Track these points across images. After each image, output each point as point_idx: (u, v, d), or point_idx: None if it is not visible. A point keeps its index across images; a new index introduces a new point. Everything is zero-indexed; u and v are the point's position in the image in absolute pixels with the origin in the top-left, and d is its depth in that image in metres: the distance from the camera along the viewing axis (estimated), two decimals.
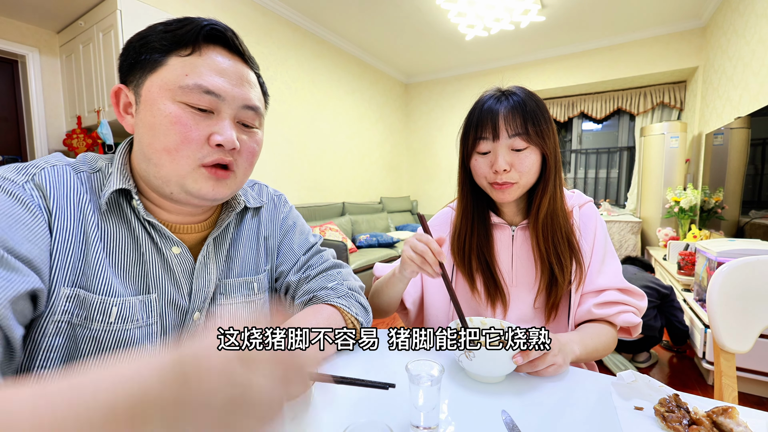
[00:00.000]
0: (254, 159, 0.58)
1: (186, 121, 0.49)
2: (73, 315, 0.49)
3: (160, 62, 0.49)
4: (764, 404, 1.69)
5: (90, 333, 0.49)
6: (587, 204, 0.83)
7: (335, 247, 2.74)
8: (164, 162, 0.50)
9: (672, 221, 3.55)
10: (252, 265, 0.68)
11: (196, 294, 0.59)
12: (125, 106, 0.53)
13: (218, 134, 0.50)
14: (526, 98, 0.74)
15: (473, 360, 0.57)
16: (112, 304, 0.51)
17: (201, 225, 0.61)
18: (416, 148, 5.46)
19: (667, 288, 1.95)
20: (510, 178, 0.73)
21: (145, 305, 0.54)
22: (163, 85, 0.49)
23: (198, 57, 0.50)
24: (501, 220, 0.83)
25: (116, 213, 0.53)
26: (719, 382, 0.78)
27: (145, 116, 0.49)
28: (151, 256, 0.55)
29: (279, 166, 3.42)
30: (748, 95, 2.52)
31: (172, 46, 0.49)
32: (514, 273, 0.81)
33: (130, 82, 0.52)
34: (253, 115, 0.55)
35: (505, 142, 0.73)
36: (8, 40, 2.72)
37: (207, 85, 0.49)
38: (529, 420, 0.49)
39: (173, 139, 0.49)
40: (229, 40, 0.53)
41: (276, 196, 0.76)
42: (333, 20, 3.60)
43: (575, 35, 3.88)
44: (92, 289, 0.50)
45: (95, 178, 0.54)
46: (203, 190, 0.52)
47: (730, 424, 0.44)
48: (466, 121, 0.79)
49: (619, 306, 0.74)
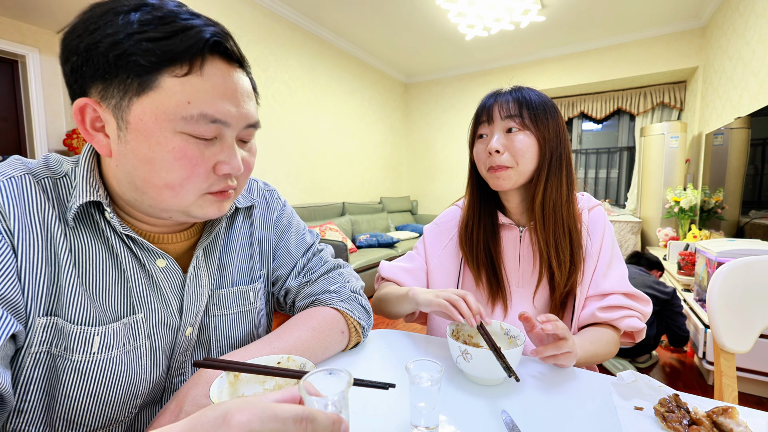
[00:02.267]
0: (251, 172, 0.54)
1: (192, 154, 0.43)
2: (52, 345, 0.44)
3: (149, 84, 0.40)
4: (764, 404, 1.69)
5: (71, 364, 0.45)
6: (596, 207, 0.83)
7: (335, 247, 2.74)
8: (165, 197, 0.44)
9: (672, 221, 3.55)
10: (246, 271, 0.63)
11: (188, 309, 0.54)
12: (93, 122, 0.43)
13: (225, 163, 0.46)
14: (528, 90, 0.77)
15: (471, 362, 0.56)
16: (94, 334, 0.45)
17: (186, 233, 0.55)
18: (416, 148, 5.46)
19: (668, 293, 1.87)
20: (505, 161, 0.74)
21: (131, 328, 0.49)
22: (160, 115, 0.41)
23: (198, 77, 0.42)
24: (509, 220, 0.83)
25: (88, 226, 0.47)
26: (719, 382, 0.78)
27: (139, 148, 0.42)
28: (134, 272, 0.49)
29: (279, 166, 3.41)
30: (748, 95, 2.52)
31: (164, 64, 0.40)
32: (521, 274, 0.81)
33: (102, 98, 0.42)
34: (252, 131, 0.50)
35: (499, 124, 0.75)
36: (8, 40, 2.72)
37: (214, 114, 0.43)
38: (529, 420, 0.49)
39: (178, 175, 0.43)
40: (230, 50, 0.45)
41: (267, 191, 0.71)
42: (333, 20, 3.60)
43: (575, 35, 3.88)
44: (69, 318, 0.44)
45: (61, 184, 0.46)
46: (209, 213, 0.48)
47: (730, 424, 0.44)
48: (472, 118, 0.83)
49: (624, 310, 0.74)
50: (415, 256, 0.91)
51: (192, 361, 0.56)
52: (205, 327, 0.58)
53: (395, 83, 5.22)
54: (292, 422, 0.24)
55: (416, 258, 0.91)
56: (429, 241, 0.91)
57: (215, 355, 0.59)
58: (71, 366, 0.45)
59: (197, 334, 0.57)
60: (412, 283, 0.86)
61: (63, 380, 0.45)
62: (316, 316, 0.61)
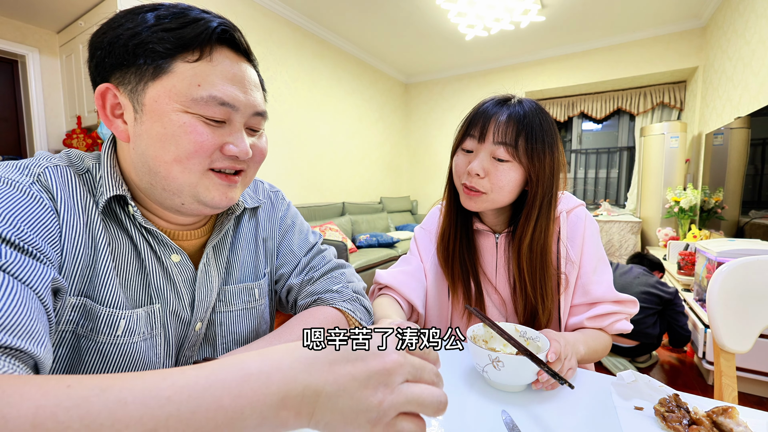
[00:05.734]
0: (263, 159, 0.56)
1: (201, 130, 0.46)
2: (78, 325, 0.46)
3: (163, 69, 0.44)
4: (764, 404, 1.69)
5: (95, 345, 0.47)
6: (576, 209, 0.78)
7: (335, 247, 2.74)
8: (175, 173, 0.46)
9: (672, 221, 3.55)
10: (252, 269, 0.65)
11: (199, 303, 0.57)
12: (113, 108, 0.47)
13: (233, 145, 0.48)
14: (531, 112, 0.69)
15: (502, 370, 0.54)
16: (120, 317, 0.48)
17: (199, 231, 0.58)
18: (416, 148, 5.46)
19: (670, 293, 1.88)
20: (480, 186, 0.70)
21: (150, 316, 0.52)
22: (173, 96, 0.45)
23: (208, 63, 0.46)
24: (484, 226, 0.81)
25: (112, 218, 0.50)
26: (719, 382, 0.78)
27: (153, 127, 0.45)
28: (152, 264, 0.52)
29: (279, 166, 3.42)
30: (748, 95, 2.52)
31: (177, 50, 0.44)
32: (497, 278, 0.80)
33: (120, 83, 0.46)
34: (260, 120, 0.53)
35: (488, 147, 0.69)
36: (8, 40, 2.72)
37: (222, 97, 0.46)
38: (529, 420, 0.49)
39: (186, 147, 0.45)
40: (237, 41, 0.49)
41: (273, 192, 0.73)
42: (333, 20, 3.60)
43: (575, 35, 3.88)
44: (99, 300, 0.47)
45: (86, 179, 0.50)
46: (216, 199, 0.50)
47: (730, 424, 0.44)
48: (464, 118, 0.78)
49: (613, 316, 0.73)
50: (411, 258, 0.91)
51: (198, 357, 0.59)
52: (211, 323, 0.60)
53: (395, 83, 5.22)
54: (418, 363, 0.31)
55: (412, 260, 0.90)
56: (420, 242, 0.91)
57: (220, 351, 0.61)
58: (95, 347, 0.47)
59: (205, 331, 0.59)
60: (413, 285, 0.84)
61: (85, 361, 0.47)
62: (317, 316, 0.62)
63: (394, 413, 0.28)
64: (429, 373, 0.30)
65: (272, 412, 0.26)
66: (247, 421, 0.26)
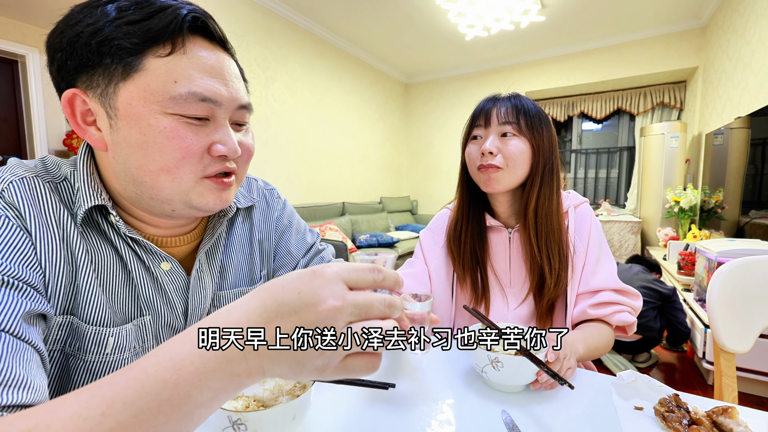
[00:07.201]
0: (251, 157, 0.53)
1: (184, 134, 0.42)
2: (66, 344, 0.44)
3: (133, 66, 0.40)
4: (764, 404, 1.69)
5: (83, 364, 0.45)
6: (582, 204, 0.84)
7: (335, 247, 2.74)
8: (163, 183, 0.43)
9: (672, 221, 3.55)
10: (246, 273, 0.63)
11: (193, 311, 0.54)
12: (84, 116, 0.43)
13: (220, 144, 0.45)
14: (523, 99, 0.79)
15: (501, 370, 0.54)
16: (109, 335, 0.46)
17: (189, 236, 0.55)
18: (416, 148, 5.46)
19: (669, 289, 1.93)
20: (496, 163, 0.76)
21: (140, 330, 0.49)
22: (149, 97, 0.40)
23: (182, 56, 0.41)
24: (497, 222, 0.84)
25: (94, 229, 0.47)
26: (719, 382, 0.78)
27: (131, 134, 0.41)
28: (140, 275, 0.49)
29: (279, 166, 3.41)
30: (748, 95, 2.52)
31: (146, 44, 0.40)
32: (511, 274, 0.83)
33: (87, 87, 0.42)
34: (245, 113, 0.49)
35: (495, 128, 0.78)
36: (8, 40, 2.72)
37: (202, 92, 0.42)
38: (528, 420, 0.49)
39: (172, 156, 0.42)
40: (210, 29, 0.44)
41: (267, 190, 0.70)
42: (333, 20, 3.60)
43: (575, 35, 3.88)
44: (85, 318, 0.45)
45: (63, 188, 0.46)
46: (210, 203, 0.47)
47: (730, 424, 0.44)
48: (468, 119, 0.84)
49: (614, 306, 0.75)
50: (416, 261, 0.93)
51: None
52: None
53: (395, 83, 5.22)
54: (369, 271, 0.30)
55: (416, 262, 0.92)
56: (425, 245, 0.93)
57: None
58: (83, 366, 0.45)
59: None
60: (416, 287, 0.86)
61: (74, 380, 0.45)
62: None
63: (339, 357, 0.28)
64: (377, 309, 0.29)
65: (221, 384, 0.27)
66: (199, 398, 0.26)
